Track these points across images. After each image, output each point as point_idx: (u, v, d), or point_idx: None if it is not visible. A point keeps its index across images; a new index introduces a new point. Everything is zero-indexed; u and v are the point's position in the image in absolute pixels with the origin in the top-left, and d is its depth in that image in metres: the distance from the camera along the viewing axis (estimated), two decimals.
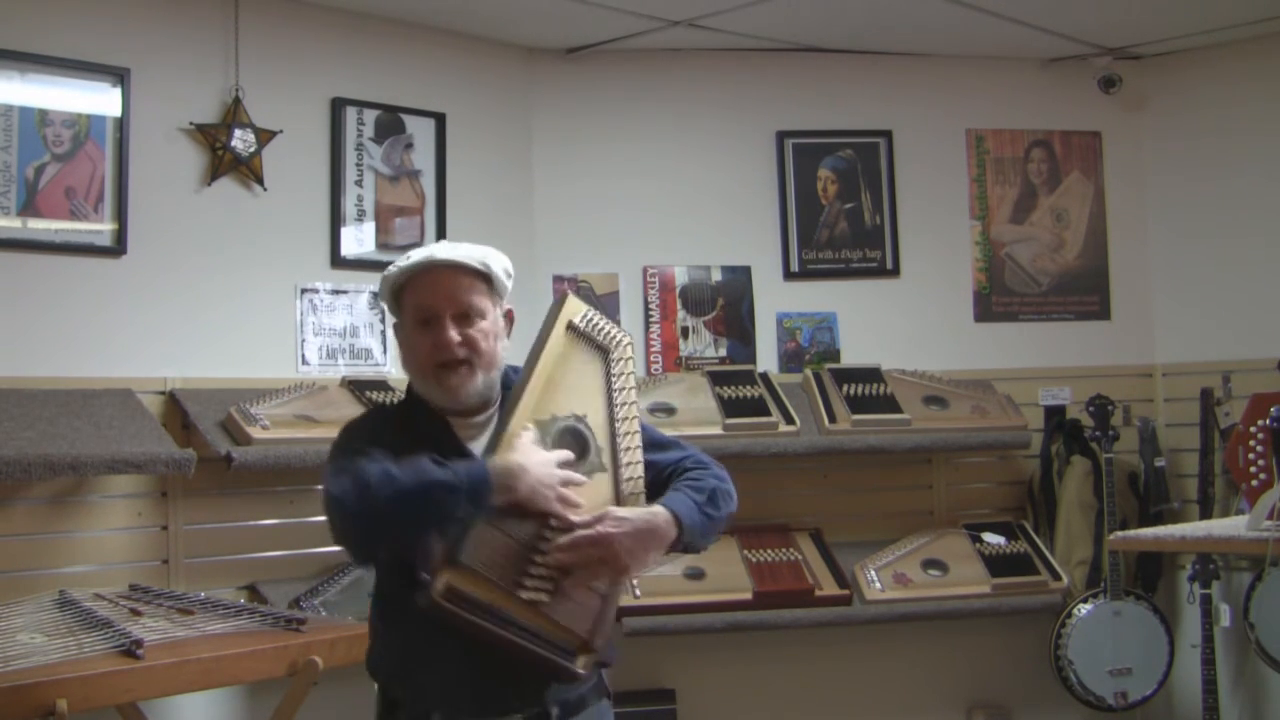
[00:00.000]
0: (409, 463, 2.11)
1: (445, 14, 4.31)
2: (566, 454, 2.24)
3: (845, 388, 4.49)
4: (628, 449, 2.31)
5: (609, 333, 2.40)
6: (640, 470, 2.31)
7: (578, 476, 2.23)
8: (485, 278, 2.29)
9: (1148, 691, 4.39)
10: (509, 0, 4.19)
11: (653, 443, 2.39)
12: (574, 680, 2.17)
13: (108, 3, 3.78)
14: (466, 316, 2.26)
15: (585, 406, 2.31)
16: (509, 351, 2.38)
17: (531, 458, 2.17)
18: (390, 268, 2.32)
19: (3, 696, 2.62)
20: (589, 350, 2.37)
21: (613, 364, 2.37)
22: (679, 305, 4.67)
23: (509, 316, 2.38)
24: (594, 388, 2.34)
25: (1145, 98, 4.95)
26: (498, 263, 2.32)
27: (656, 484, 2.34)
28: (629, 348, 2.41)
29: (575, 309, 2.39)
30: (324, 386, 3.96)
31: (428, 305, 2.26)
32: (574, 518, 2.18)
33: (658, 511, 2.22)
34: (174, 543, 3.73)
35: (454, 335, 2.24)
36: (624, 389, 2.35)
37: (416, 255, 2.29)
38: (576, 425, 2.29)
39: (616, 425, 2.32)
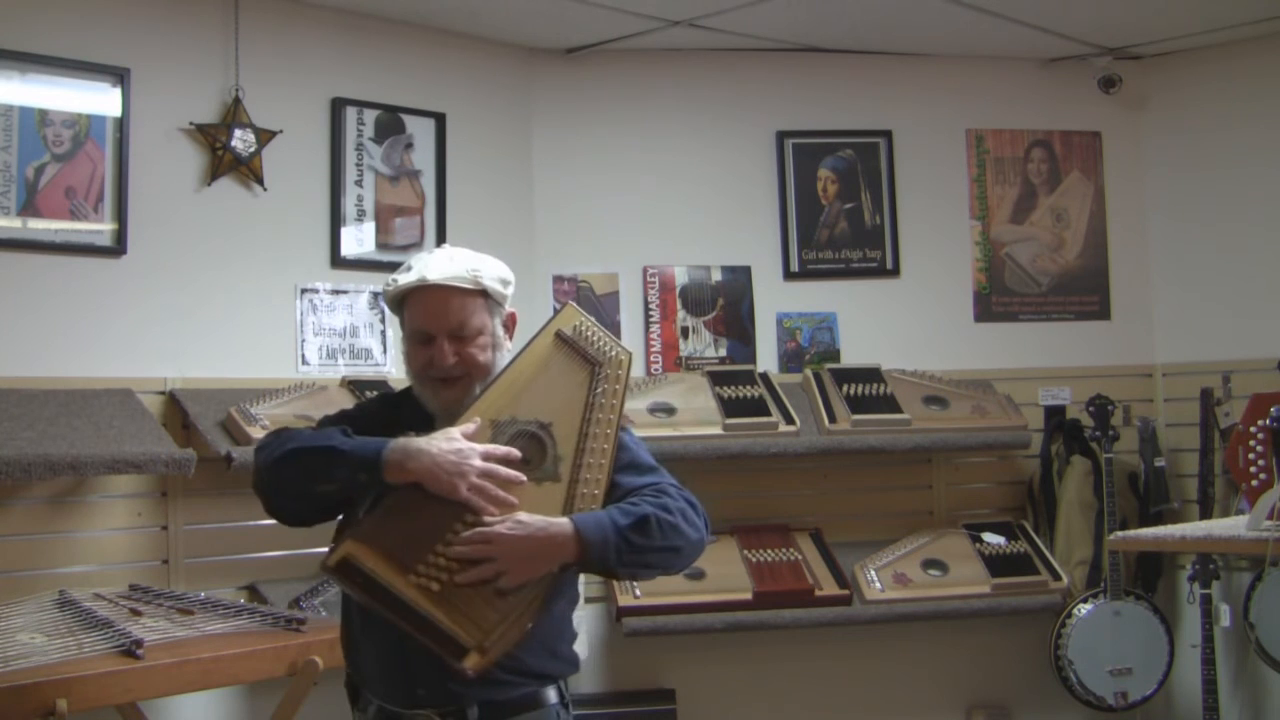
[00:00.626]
0: (323, 430, 2.23)
1: (445, 14, 4.31)
2: (510, 451, 2.19)
3: (845, 388, 4.49)
4: (591, 465, 2.24)
5: (601, 347, 2.34)
6: (600, 489, 2.23)
7: (508, 472, 2.17)
8: (481, 293, 2.28)
9: (1148, 691, 4.39)
10: (509, 0, 4.19)
11: (631, 465, 2.31)
12: (461, 677, 2.09)
13: (108, 3, 3.78)
14: (462, 335, 2.26)
15: (554, 415, 2.26)
16: (510, 353, 2.37)
17: (438, 443, 2.14)
18: (389, 280, 2.31)
19: (3, 696, 2.62)
20: (575, 361, 2.33)
21: (598, 379, 2.31)
22: (679, 305, 4.67)
23: (511, 320, 2.37)
24: (570, 398, 2.29)
25: (1145, 98, 4.95)
26: (492, 275, 2.30)
27: None
28: (623, 365, 2.33)
29: (569, 319, 2.35)
30: (324, 386, 3.96)
31: (423, 328, 2.27)
32: (490, 516, 2.14)
33: (559, 523, 2.14)
34: (174, 543, 3.73)
35: (449, 355, 2.25)
36: (605, 405, 2.28)
37: (412, 272, 2.28)
38: (537, 431, 2.24)
39: (585, 440, 2.25)
